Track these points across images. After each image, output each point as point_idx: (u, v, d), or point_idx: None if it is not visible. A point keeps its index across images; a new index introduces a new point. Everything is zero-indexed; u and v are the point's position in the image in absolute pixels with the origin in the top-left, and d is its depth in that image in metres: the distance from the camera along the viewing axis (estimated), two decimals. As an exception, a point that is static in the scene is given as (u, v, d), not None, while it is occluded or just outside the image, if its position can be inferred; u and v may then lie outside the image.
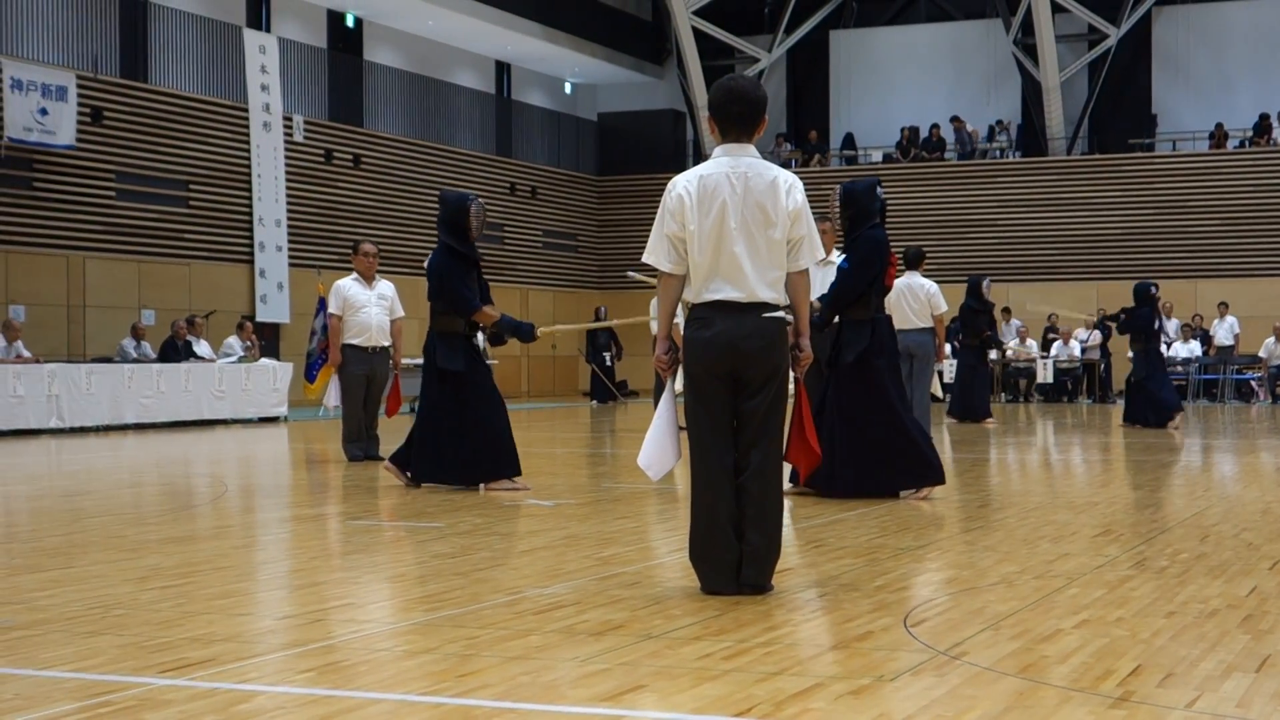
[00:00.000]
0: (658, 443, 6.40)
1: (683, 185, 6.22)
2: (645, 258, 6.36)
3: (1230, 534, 8.31)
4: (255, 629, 5.72)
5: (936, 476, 10.22)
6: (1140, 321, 20.58)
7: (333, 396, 14.21)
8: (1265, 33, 36.45)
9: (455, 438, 10.97)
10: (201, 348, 23.57)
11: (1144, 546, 7.76)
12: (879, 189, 10.51)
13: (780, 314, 6.23)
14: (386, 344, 14.24)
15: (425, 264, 11.39)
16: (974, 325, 21.95)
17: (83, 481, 13.20)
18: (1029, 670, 4.77)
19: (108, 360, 22.17)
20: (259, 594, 6.73)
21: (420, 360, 12.18)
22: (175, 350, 22.92)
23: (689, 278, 6.25)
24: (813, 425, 6.59)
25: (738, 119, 6.25)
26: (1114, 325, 21.94)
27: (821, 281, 12.46)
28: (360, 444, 14.12)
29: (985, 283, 21.88)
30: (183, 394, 21.96)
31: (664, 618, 5.68)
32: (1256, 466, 13.97)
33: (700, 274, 6.18)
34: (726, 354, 6.14)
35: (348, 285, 14.12)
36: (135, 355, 22.66)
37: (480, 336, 11.62)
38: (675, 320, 6.48)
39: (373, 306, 14.14)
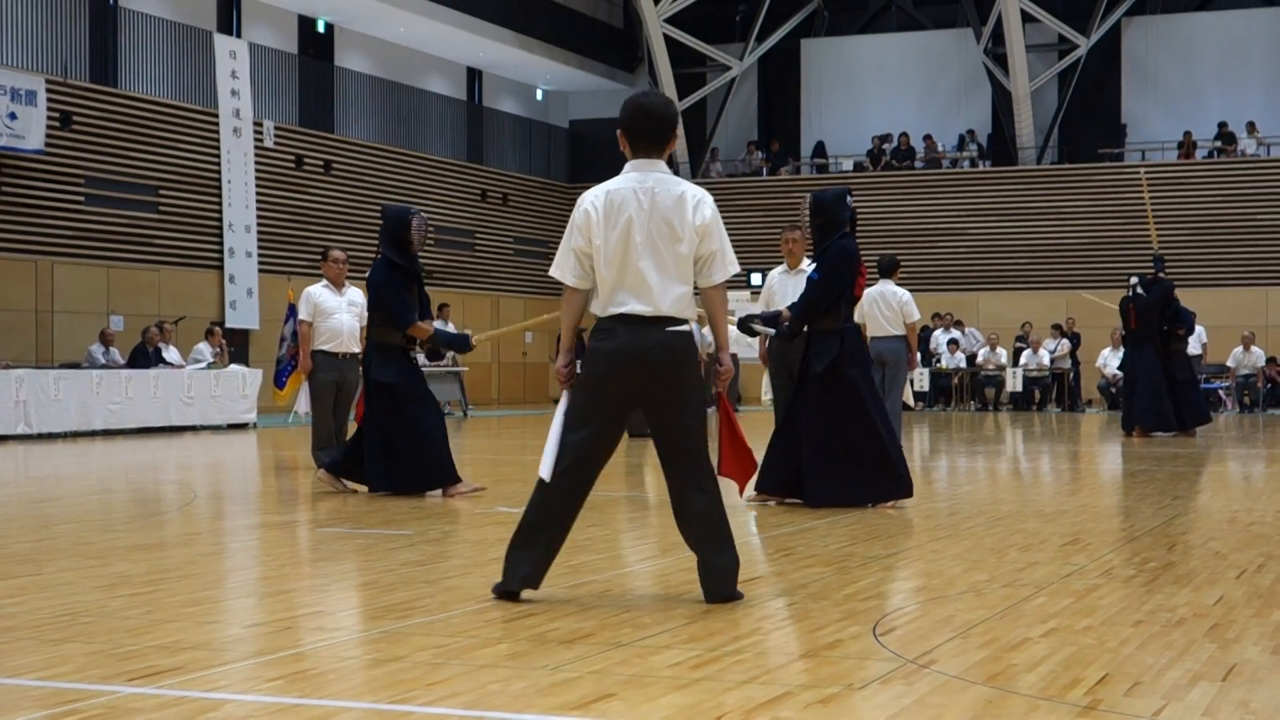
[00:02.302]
0: (551, 450, 6.45)
1: (590, 200, 6.24)
2: (552, 271, 6.39)
3: (1197, 543, 8.35)
4: (224, 637, 5.71)
5: (905, 490, 10.21)
6: (1188, 315, 20.37)
7: (302, 403, 14.18)
8: (1233, 43, 36.66)
9: (393, 447, 11.26)
10: (170, 354, 23.48)
11: (1112, 555, 7.80)
12: (849, 198, 10.48)
13: (686, 328, 6.23)
14: (357, 350, 14.19)
15: (366, 276, 11.63)
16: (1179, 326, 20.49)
17: (50, 488, 13.14)
18: (997, 679, 4.79)
19: (76, 366, 22.04)
20: (227, 601, 6.71)
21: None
22: (144, 356, 22.81)
23: (594, 292, 6.28)
24: (742, 434, 6.57)
25: (648, 135, 6.27)
26: (1179, 331, 20.48)
27: (794, 290, 12.50)
28: (329, 451, 14.07)
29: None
30: (151, 400, 21.86)
31: (633, 626, 5.68)
32: (1224, 476, 14.04)
33: (606, 288, 6.20)
34: (627, 366, 6.16)
35: (318, 291, 14.08)
36: (104, 361, 22.55)
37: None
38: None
39: (343, 313, 14.09)
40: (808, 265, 13.14)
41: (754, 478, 6.99)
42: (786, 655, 5.24)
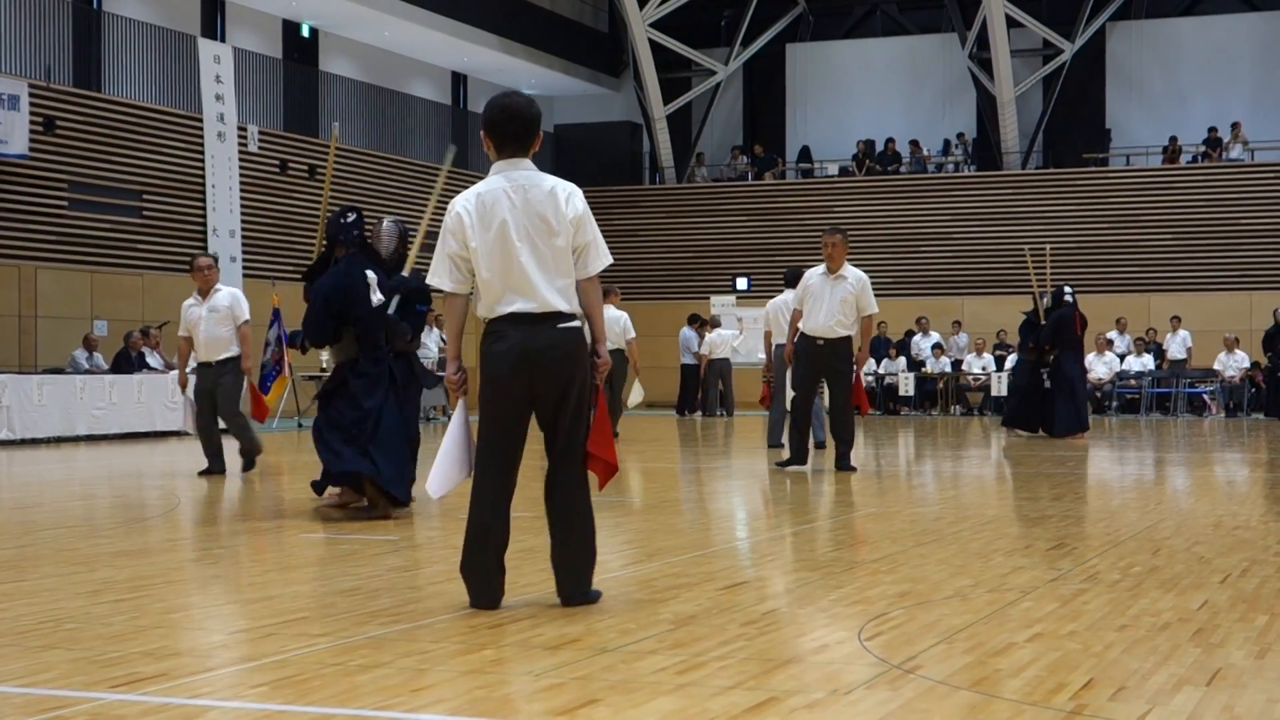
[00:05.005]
0: (443, 462, 6.41)
1: (461, 205, 6.26)
2: (429, 278, 6.40)
3: (1182, 547, 8.36)
4: (208, 643, 5.69)
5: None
6: (1066, 325, 20.38)
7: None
8: (1217, 48, 36.75)
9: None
10: (154, 359, 23.43)
11: (1096, 560, 7.80)
12: (355, 232, 10.86)
13: (577, 324, 6.25)
14: (341, 355, 14.17)
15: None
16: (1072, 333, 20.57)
17: (34, 494, 13.10)
18: (982, 684, 4.78)
19: (59, 371, 22.01)
20: (212, 608, 6.69)
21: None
22: (128, 361, 22.77)
23: (476, 295, 6.28)
24: (610, 436, 6.56)
25: (512, 136, 6.28)
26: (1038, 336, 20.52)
27: (831, 293, 13.32)
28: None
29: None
30: (135, 405, 21.81)
31: (619, 631, 5.68)
32: (1208, 480, 14.07)
33: (491, 290, 6.20)
34: (523, 366, 6.14)
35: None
36: (87, 366, 22.50)
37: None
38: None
39: (327, 318, 14.07)
40: (848, 271, 13.71)
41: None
42: (772, 660, 5.23)
